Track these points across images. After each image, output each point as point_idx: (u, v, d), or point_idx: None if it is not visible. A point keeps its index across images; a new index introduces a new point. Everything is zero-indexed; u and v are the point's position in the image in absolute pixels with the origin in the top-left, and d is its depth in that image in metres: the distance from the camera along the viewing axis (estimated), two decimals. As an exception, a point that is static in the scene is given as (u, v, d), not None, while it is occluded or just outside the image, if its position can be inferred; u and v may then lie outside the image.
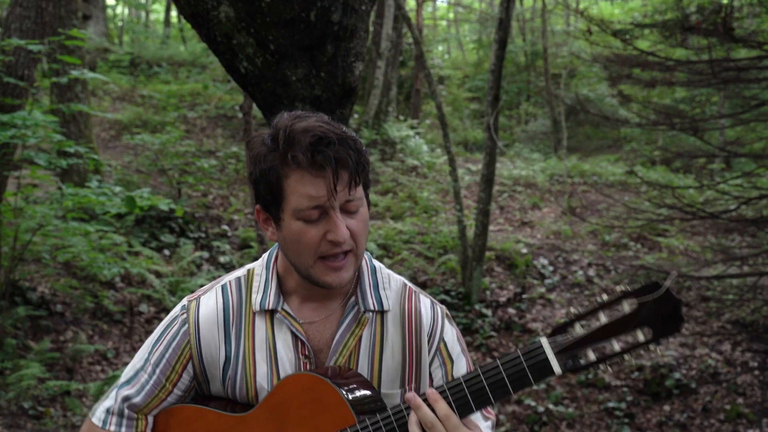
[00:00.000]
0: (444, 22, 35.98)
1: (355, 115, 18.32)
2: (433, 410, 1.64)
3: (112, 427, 1.88)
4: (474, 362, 1.68)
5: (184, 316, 1.88)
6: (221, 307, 1.87)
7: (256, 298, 1.86)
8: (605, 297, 1.60)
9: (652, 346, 1.57)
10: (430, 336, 1.91)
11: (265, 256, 1.93)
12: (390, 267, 10.89)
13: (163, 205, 7.66)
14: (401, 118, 18.42)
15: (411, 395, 1.66)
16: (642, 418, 8.83)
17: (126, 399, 1.88)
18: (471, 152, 19.80)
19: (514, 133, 21.68)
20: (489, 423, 1.90)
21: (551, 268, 11.58)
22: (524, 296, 10.74)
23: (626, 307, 1.57)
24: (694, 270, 9.72)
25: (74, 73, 7.45)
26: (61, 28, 10.13)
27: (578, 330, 1.60)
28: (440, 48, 33.45)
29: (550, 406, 8.84)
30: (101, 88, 18.12)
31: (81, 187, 8.18)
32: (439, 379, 1.90)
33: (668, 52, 7.70)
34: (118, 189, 7.96)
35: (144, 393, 1.87)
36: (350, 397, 1.73)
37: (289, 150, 1.68)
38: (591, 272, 11.47)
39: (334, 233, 1.71)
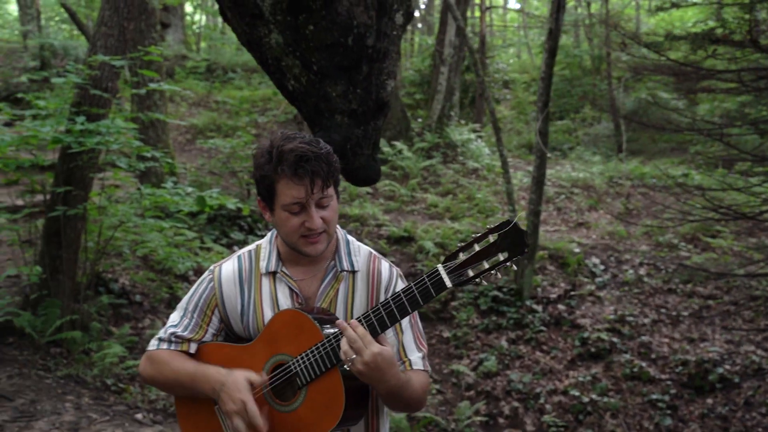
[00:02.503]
0: (515, 26, 36.10)
1: (419, 120, 18.83)
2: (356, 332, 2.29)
3: (164, 346, 2.60)
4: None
5: (210, 276, 2.62)
6: (237, 271, 2.60)
7: (263, 264, 2.58)
8: (477, 234, 2.23)
9: (509, 264, 2.20)
10: (387, 288, 2.59)
11: (269, 235, 2.65)
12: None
13: (231, 204, 8.35)
14: (462, 122, 18.81)
15: (340, 321, 2.33)
16: (684, 410, 9.09)
17: (173, 333, 2.60)
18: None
19: (577, 136, 21.80)
20: (420, 354, 2.57)
21: (602, 267, 11.90)
22: (573, 293, 11.11)
23: (491, 238, 2.20)
24: (742, 269, 9.95)
25: (152, 85, 8.17)
26: (141, 41, 10.94)
27: (461, 257, 2.23)
28: (511, 51, 33.52)
29: (595, 397, 9.17)
30: (179, 94, 18.94)
31: (158, 188, 8.90)
32: None
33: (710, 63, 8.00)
34: (190, 189, 8.64)
35: (187, 330, 2.60)
36: (320, 323, 2.40)
37: (279, 165, 2.39)
38: (642, 271, 11.75)
39: (310, 222, 2.42)
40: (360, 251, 2.63)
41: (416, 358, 2.55)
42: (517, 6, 35.77)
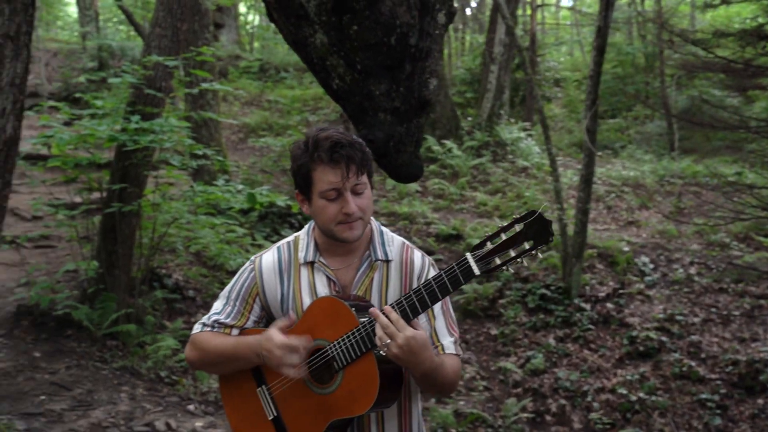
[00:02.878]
0: (567, 23, 35.82)
1: (469, 118, 18.85)
2: (389, 318, 2.38)
3: (207, 329, 2.73)
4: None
5: (251, 266, 2.73)
6: (277, 261, 2.71)
7: (301, 254, 2.68)
8: (504, 224, 2.32)
9: (534, 252, 2.28)
10: (419, 277, 2.67)
11: (307, 226, 2.75)
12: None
13: (281, 201, 8.52)
14: (512, 120, 18.78)
15: (373, 309, 2.43)
16: (735, 411, 8.99)
17: (216, 320, 2.73)
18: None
19: (629, 134, 21.58)
20: (452, 339, 2.66)
21: (652, 266, 11.83)
22: (622, 292, 11.06)
23: (517, 228, 2.29)
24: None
25: (204, 85, 8.37)
26: (195, 42, 11.17)
27: (488, 246, 2.32)
28: (563, 49, 33.25)
29: (642, 396, 9.13)
30: (232, 94, 19.20)
31: (210, 185, 9.10)
32: None
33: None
34: (241, 187, 8.84)
35: (230, 317, 2.72)
36: (356, 310, 2.50)
37: (315, 152, 2.50)
38: (692, 270, 11.65)
39: (346, 208, 2.51)
40: (393, 241, 2.72)
41: (448, 342, 2.63)
42: (569, 3, 35.46)
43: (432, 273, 2.70)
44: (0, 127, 5.08)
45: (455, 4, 4.56)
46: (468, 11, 29.95)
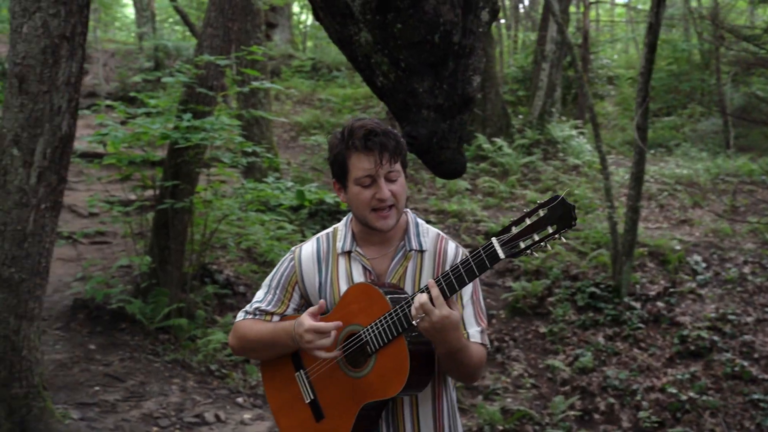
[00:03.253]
0: (623, 20, 35.40)
1: (520, 116, 18.78)
2: (429, 293, 2.44)
3: (249, 317, 2.86)
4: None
5: (291, 256, 2.86)
6: (316, 251, 2.82)
7: (339, 244, 2.79)
8: (527, 210, 2.37)
9: (557, 236, 2.32)
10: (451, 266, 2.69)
11: (345, 218, 2.86)
12: (543, 261, 11.37)
13: (330, 198, 8.62)
14: (563, 118, 18.64)
15: (419, 293, 2.47)
16: (788, 412, 8.89)
17: (258, 307, 2.85)
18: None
19: (684, 132, 21.25)
20: (479, 329, 2.71)
21: (704, 265, 11.67)
22: (673, 291, 10.94)
23: (541, 212, 2.32)
24: None
25: (254, 83, 8.52)
26: (247, 42, 11.33)
27: (513, 230, 2.37)
28: (618, 46, 32.87)
29: (693, 395, 9.04)
30: (284, 92, 19.40)
31: (260, 183, 9.25)
32: None
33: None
34: (290, 184, 8.96)
35: (271, 305, 2.84)
36: (389, 296, 2.58)
37: (350, 139, 2.61)
38: (746, 269, 11.48)
39: (380, 194, 2.61)
40: (428, 232, 2.80)
41: (474, 331, 2.69)
42: (624, 0, 35.04)
43: None
44: (56, 124, 5.26)
45: (503, 2, 4.60)
46: (521, 9, 29.80)
